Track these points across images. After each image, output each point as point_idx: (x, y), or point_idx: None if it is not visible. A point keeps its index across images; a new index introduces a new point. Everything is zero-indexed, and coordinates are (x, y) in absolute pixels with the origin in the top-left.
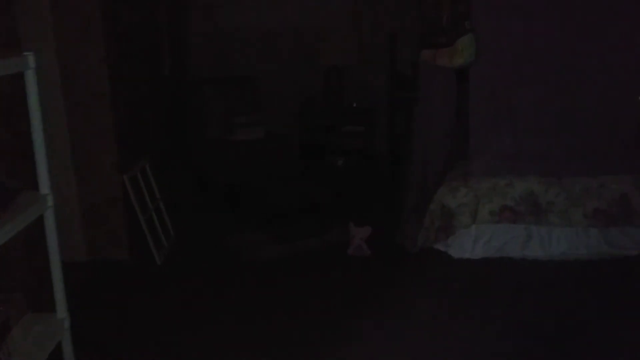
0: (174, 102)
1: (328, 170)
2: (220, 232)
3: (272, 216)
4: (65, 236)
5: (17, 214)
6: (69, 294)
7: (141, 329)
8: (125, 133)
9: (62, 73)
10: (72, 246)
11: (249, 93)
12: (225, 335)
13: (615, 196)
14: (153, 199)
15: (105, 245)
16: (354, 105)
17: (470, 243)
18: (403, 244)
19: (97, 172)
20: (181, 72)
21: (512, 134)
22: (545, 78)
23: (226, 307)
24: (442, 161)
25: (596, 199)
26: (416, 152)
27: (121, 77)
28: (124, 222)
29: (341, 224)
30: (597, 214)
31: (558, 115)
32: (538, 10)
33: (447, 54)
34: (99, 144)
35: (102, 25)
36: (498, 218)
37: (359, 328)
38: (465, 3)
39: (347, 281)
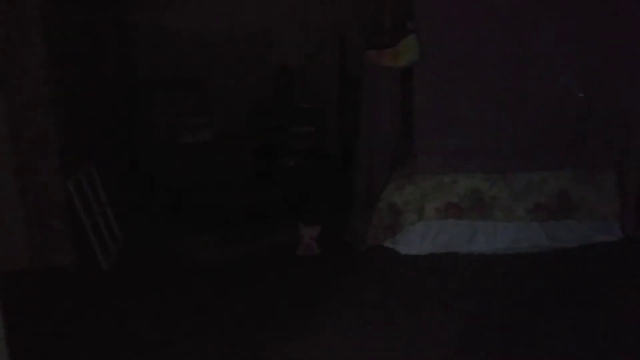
0: (121, 105)
1: (279, 171)
2: (169, 235)
3: (222, 218)
4: (7, 243)
5: None
6: (9, 303)
7: (85, 338)
8: (68, 137)
9: (2, 76)
10: (15, 254)
11: (198, 95)
12: (174, 339)
13: (555, 191)
14: (99, 203)
15: (49, 251)
16: (305, 106)
17: (418, 239)
18: (352, 242)
19: (40, 178)
20: (128, 74)
21: (456, 132)
22: (487, 77)
23: (174, 311)
24: (388, 160)
25: (537, 194)
26: (363, 152)
27: (63, 80)
28: (68, 227)
29: (291, 224)
30: (539, 209)
31: (500, 113)
32: (479, 10)
33: (391, 54)
34: (41, 149)
35: (43, 27)
36: (444, 214)
37: (308, 326)
38: (407, 4)
39: (297, 280)
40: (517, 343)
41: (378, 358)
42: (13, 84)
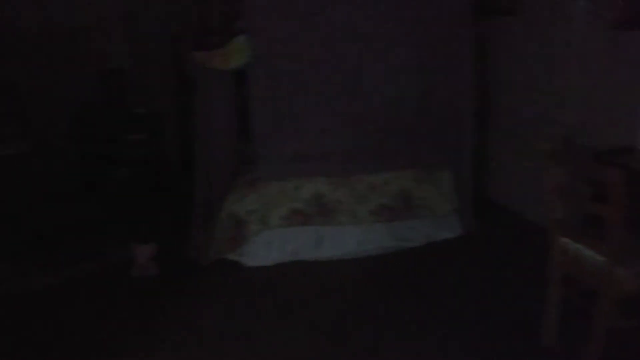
0: None
1: (110, 184)
2: None
3: (42, 240)
4: None
5: None
6: None
7: None
8: None
9: None
10: None
11: (10, 101)
12: None
13: (397, 191)
14: None
15: None
16: (139, 111)
17: (263, 250)
18: (194, 257)
19: None
20: None
21: (297, 136)
22: (323, 79)
23: None
24: (228, 167)
25: (380, 196)
26: (200, 160)
27: None
28: None
29: (124, 243)
30: (382, 210)
31: (340, 116)
32: (310, 9)
33: (220, 56)
34: None
35: None
36: (288, 222)
37: (144, 353)
38: (235, 3)
39: (132, 305)
40: (368, 346)
41: None
42: None
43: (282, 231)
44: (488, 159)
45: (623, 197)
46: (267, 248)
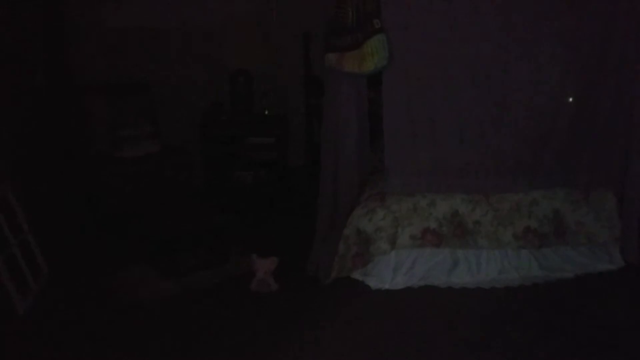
0: (54, 113)
1: (236, 188)
2: (102, 266)
3: (163, 245)
4: None
5: None
6: None
7: None
8: None
9: None
10: None
11: (142, 102)
12: None
13: (547, 213)
14: (17, 232)
15: None
16: (266, 113)
17: (390, 272)
18: (315, 274)
19: None
20: (61, 78)
21: (432, 146)
22: (468, 84)
23: None
24: (355, 178)
25: (527, 217)
26: (326, 168)
27: None
28: None
29: (244, 252)
30: (528, 234)
31: (482, 125)
32: (457, 7)
33: (355, 58)
34: None
35: None
36: (420, 242)
37: None
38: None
39: (249, 322)
40: None
41: None
42: None
43: (413, 252)
44: None
45: None
46: (394, 270)
